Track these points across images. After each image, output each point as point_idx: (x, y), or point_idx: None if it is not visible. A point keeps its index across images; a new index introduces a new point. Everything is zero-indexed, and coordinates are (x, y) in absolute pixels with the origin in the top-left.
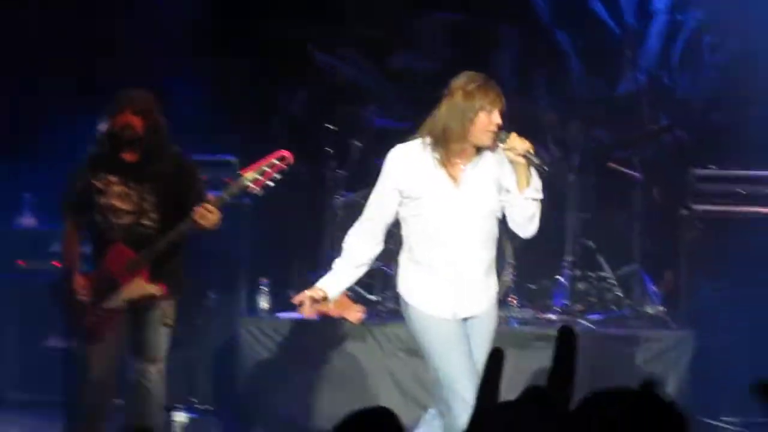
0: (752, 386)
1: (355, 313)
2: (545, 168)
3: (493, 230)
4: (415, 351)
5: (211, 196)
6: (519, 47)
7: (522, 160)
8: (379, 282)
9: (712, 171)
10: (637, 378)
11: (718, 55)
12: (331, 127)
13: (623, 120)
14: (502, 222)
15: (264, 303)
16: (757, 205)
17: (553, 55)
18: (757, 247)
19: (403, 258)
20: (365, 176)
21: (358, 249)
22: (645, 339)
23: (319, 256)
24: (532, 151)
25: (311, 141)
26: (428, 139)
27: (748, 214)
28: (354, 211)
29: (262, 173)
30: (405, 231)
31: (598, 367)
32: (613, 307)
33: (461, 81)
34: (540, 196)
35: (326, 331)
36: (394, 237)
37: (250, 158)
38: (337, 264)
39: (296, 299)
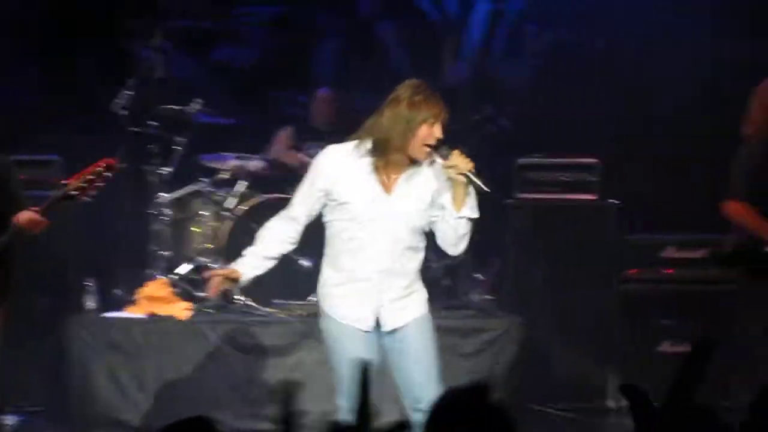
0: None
1: (183, 311)
2: (486, 188)
3: (420, 244)
4: (247, 349)
5: (36, 207)
6: (341, 39)
7: (462, 179)
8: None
9: (537, 159)
10: (467, 368)
11: (539, 43)
12: (154, 123)
13: (447, 110)
14: None
15: (91, 303)
16: (580, 192)
17: (376, 47)
18: (582, 234)
19: (325, 262)
20: (190, 173)
21: (272, 243)
22: (473, 328)
23: (146, 255)
24: (473, 170)
25: (134, 138)
26: (366, 144)
27: (572, 202)
28: (180, 208)
29: (87, 182)
30: (328, 235)
31: None
32: (441, 298)
33: (408, 91)
34: (475, 215)
35: (155, 329)
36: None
37: (73, 157)
38: (249, 252)
39: (207, 274)
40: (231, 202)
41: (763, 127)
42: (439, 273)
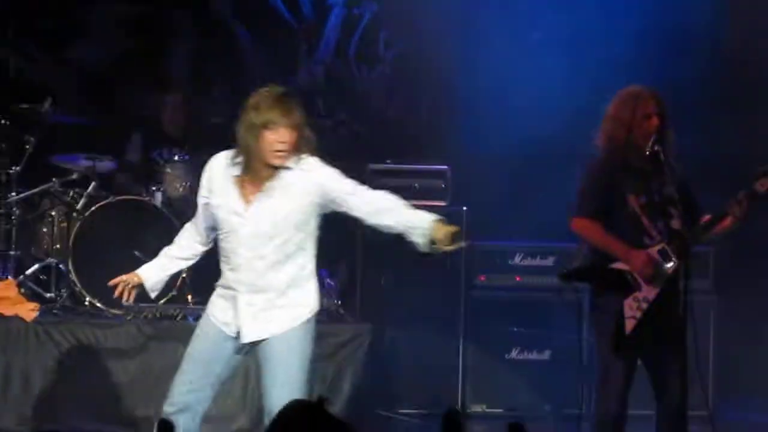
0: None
1: (29, 311)
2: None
3: (295, 253)
4: (93, 351)
5: None
6: (196, 39)
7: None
8: (55, 279)
9: (388, 165)
10: (314, 373)
11: (392, 49)
12: (4, 121)
13: (297, 115)
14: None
15: None
16: (430, 198)
17: (230, 48)
18: None
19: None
20: (40, 173)
21: (181, 244)
22: (320, 333)
23: None
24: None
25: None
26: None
27: (422, 208)
28: (29, 208)
29: None
30: None
31: None
32: None
33: (254, 96)
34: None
35: (0, 329)
36: None
37: None
38: (162, 252)
39: (113, 281)
40: (81, 203)
41: (613, 140)
42: None
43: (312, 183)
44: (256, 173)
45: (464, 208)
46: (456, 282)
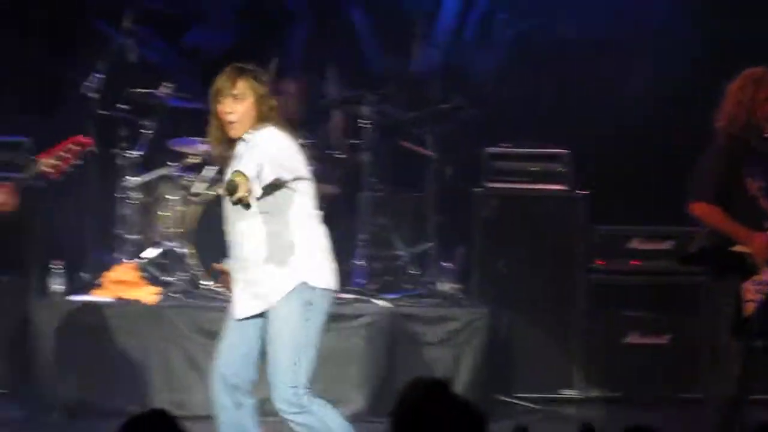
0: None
1: (148, 295)
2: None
3: (258, 225)
4: (212, 333)
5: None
6: (311, 23)
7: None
8: (174, 263)
9: (505, 149)
10: (433, 356)
11: (509, 32)
12: (124, 107)
13: (416, 97)
14: None
15: (57, 285)
16: (549, 182)
17: (346, 32)
18: (549, 224)
19: None
20: (158, 157)
21: None
22: (439, 317)
23: (113, 238)
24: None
25: (103, 121)
26: None
27: (540, 192)
28: (148, 193)
29: (60, 159)
30: None
31: (395, 347)
32: (408, 286)
33: None
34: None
35: (121, 313)
36: None
37: (42, 138)
38: None
39: (217, 268)
40: (199, 187)
41: (734, 123)
42: (406, 261)
43: (257, 154)
44: (225, 146)
45: (584, 192)
46: (574, 266)
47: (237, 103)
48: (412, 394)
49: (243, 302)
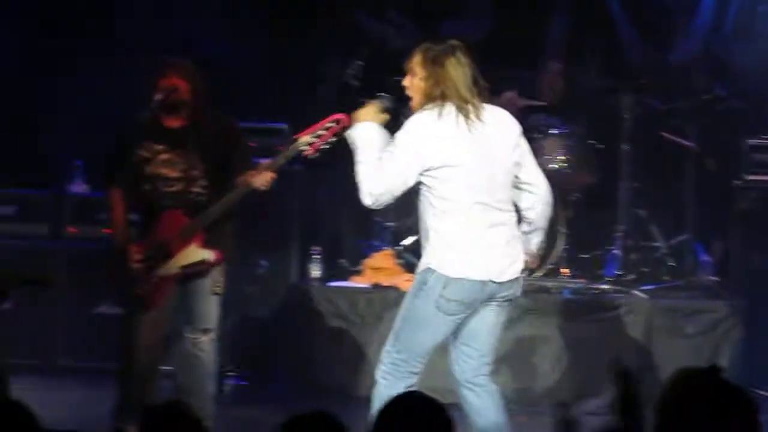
0: None
1: (405, 282)
2: None
3: (420, 211)
4: None
5: (264, 161)
6: (571, 13)
7: None
8: None
9: (766, 141)
10: (691, 348)
11: None
12: (385, 95)
13: (676, 89)
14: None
15: (315, 271)
16: None
17: (606, 22)
18: None
19: None
20: None
21: None
22: (697, 309)
23: (371, 226)
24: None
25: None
26: None
27: None
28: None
29: (318, 136)
30: None
31: (652, 338)
32: (666, 278)
33: None
34: None
35: (378, 299)
36: None
37: (302, 125)
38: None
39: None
40: None
41: None
42: (664, 253)
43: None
44: None
45: None
46: None
47: (409, 76)
48: (680, 383)
49: None
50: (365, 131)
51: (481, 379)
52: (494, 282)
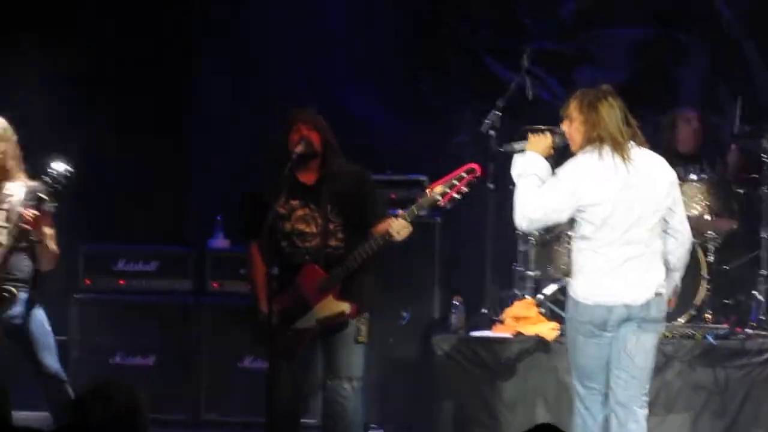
0: None
1: (549, 330)
2: None
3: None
4: None
5: (400, 211)
6: (706, 59)
7: None
8: None
9: None
10: None
11: None
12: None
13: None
14: None
15: (457, 321)
16: None
17: (741, 68)
18: None
19: None
20: None
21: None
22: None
23: (512, 275)
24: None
25: (501, 158)
26: None
27: None
28: (547, 229)
29: (451, 186)
30: None
31: None
32: None
33: None
34: None
35: (521, 348)
36: None
37: (437, 175)
38: None
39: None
40: None
41: None
42: None
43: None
44: None
45: None
46: None
47: (567, 121)
48: None
49: None
50: (533, 160)
51: (632, 407)
52: (626, 305)
